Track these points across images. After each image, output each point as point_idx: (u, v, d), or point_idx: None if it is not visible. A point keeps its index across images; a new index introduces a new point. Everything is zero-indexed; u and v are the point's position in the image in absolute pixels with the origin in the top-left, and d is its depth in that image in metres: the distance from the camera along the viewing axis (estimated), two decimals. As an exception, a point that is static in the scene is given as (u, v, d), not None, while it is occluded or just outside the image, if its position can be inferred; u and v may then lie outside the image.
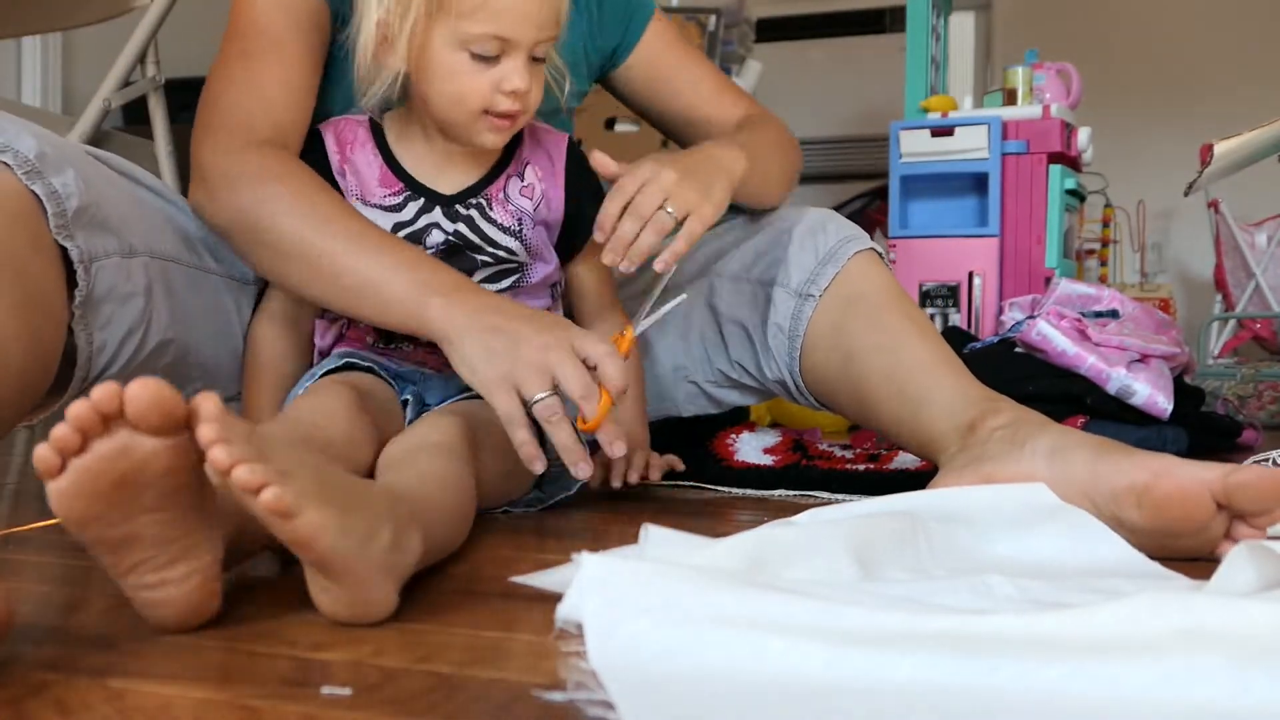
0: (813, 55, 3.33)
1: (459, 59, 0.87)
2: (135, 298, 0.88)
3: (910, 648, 0.48)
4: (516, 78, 0.87)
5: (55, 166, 0.80)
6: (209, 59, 0.96)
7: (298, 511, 0.53)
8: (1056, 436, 0.84)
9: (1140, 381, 1.30)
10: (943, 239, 1.72)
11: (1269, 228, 2.52)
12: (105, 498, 0.52)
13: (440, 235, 0.96)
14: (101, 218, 0.85)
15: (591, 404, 0.79)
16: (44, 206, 0.78)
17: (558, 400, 0.79)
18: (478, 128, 0.91)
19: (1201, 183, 1.81)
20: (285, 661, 0.52)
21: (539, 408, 0.79)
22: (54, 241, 0.79)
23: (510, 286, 0.99)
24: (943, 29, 1.96)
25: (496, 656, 0.52)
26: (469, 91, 0.88)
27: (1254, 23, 3.05)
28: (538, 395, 0.79)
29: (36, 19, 1.87)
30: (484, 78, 0.88)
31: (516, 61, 0.87)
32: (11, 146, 0.77)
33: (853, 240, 1.07)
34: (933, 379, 0.96)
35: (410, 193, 0.96)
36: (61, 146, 0.84)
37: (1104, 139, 1.98)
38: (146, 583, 0.55)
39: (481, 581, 0.69)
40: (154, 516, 0.53)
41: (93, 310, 0.84)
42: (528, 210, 0.98)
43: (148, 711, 0.45)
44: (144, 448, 0.51)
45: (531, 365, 0.79)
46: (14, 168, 0.77)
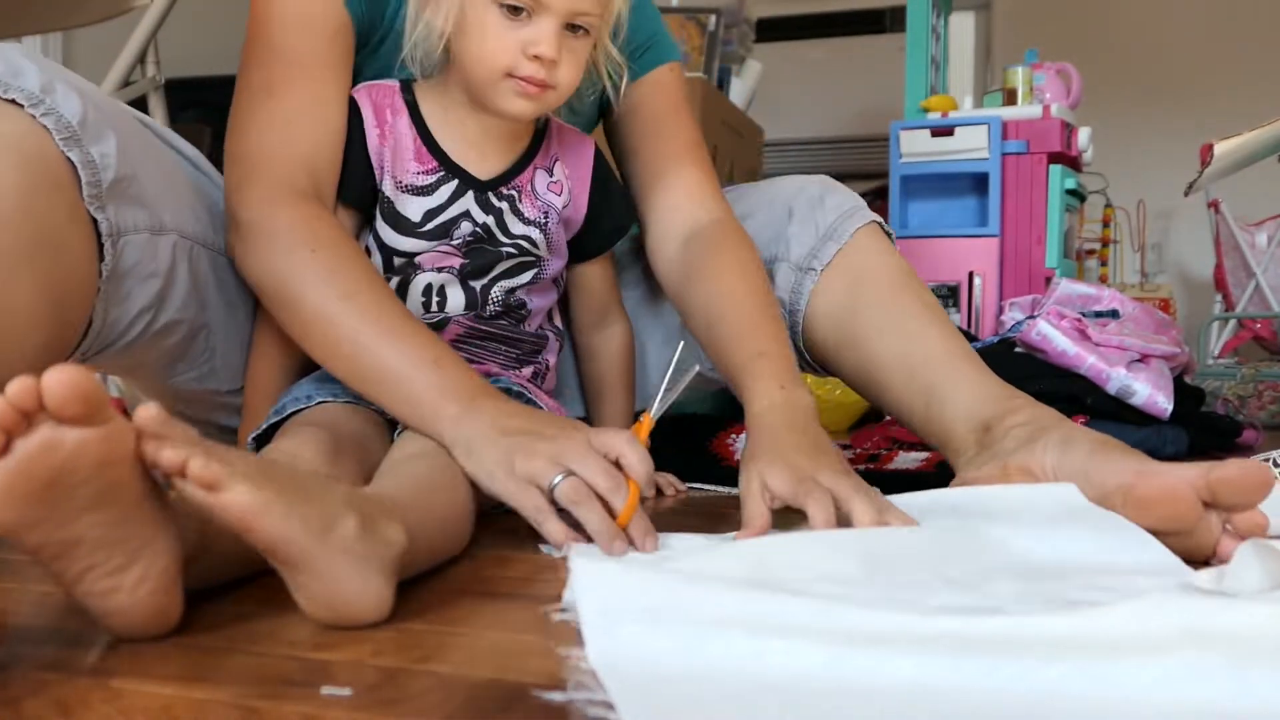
0: (813, 55, 3.33)
1: (491, 15, 0.86)
2: (155, 278, 0.86)
3: (911, 648, 0.48)
4: (544, 43, 0.85)
5: (96, 133, 0.78)
6: (209, 59, 0.94)
7: (226, 486, 0.52)
8: (1067, 433, 0.86)
9: (1140, 381, 1.31)
10: (943, 239, 1.72)
11: (1269, 228, 2.52)
12: (38, 499, 0.49)
13: (470, 227, 0.94)
14: (136, 191, 0.83)
15: (618, 498, 0.73)
16: (79, 175, 0.77)
17: (579, 481, 0.74)
18: (502, 89, 0.88)
19: (1201, 183, 1.81)
20: (285, 661, 0.52)
21: (561, 491, 0.73)
22: (88, 212, 0.78)
23: (530, 281, 0.99)
24: (943, 29, 1.96)
25: (496, 656, 0.52)
26: (495, 49, 0.86)
27: (1254, 23, 3.05)
28: (555, 479, 0.74)
29: (36, 19, 1.87)
30: (512, 37, 0.86)
31: (546, 26, 0.85)
32: (56, 109, 0.75)
33: (854, 214, 1.07)
34: (950, 374, 0.96)
35: (444, 173, 0.94)
36: (107, 110, 0.81)
37: (1104, 139, 1.98)
38: (97, 590, 0.53)
39: (481, 581, 0.69)
40: (95, 517, 0.51)
41: (114, 285, 0.82)
42: (555, 206, 0.98)
43: (148, 711, 0.45)
44: (70, 440, 0.49)
45: (545, 457, 0.75)
46: (54, 133, 0.75)
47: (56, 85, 0.77)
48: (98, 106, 0.80)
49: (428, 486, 0.72)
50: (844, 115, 3.22)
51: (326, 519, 0.56)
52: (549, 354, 1.03)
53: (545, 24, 0.85)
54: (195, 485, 0.51)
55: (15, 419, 0.48)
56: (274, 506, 0.53)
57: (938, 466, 1.14)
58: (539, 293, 1.00)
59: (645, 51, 1.09)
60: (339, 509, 0.57)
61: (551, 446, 0.75)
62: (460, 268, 0.95)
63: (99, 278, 0.80)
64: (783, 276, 1.07)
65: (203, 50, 2.73)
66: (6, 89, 0.74)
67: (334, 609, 0.56)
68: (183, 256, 0.90)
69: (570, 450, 0.75)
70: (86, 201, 0.77)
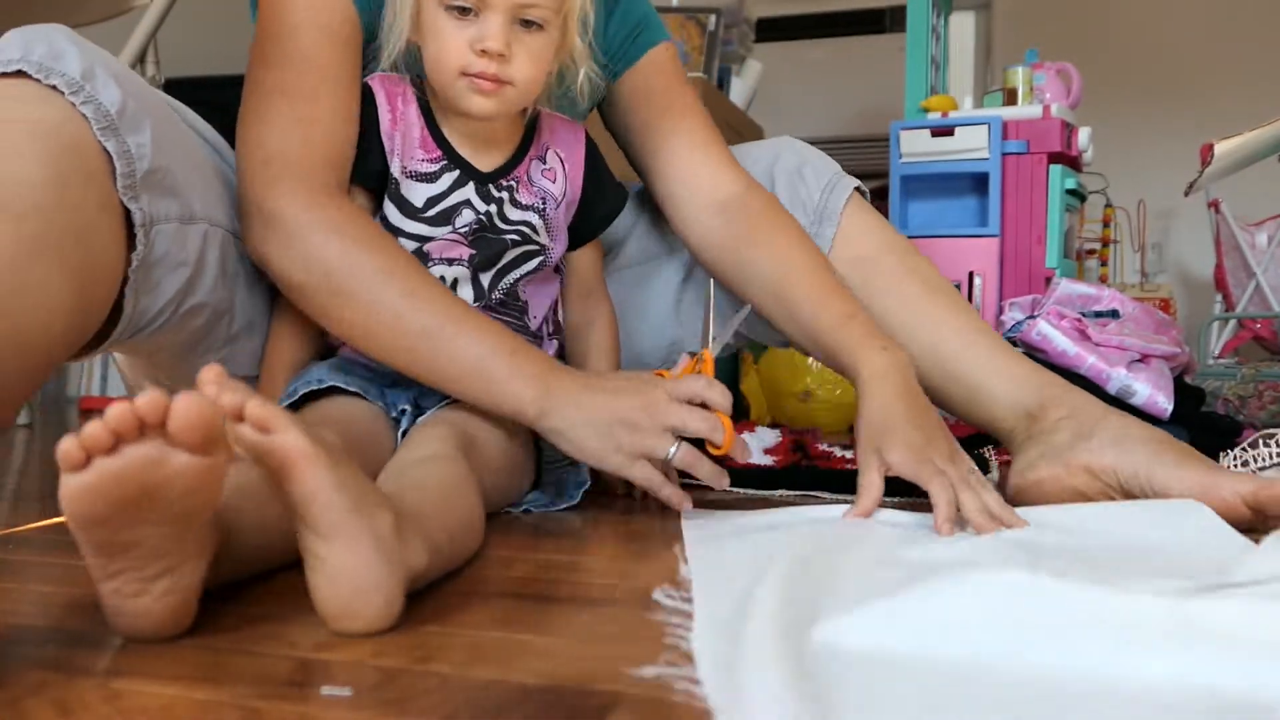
0: (813, 55, 3.33)
1: (440, 17, 0.88)
2: (184, 266, 0.87)
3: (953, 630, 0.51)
4: (490, 39, 0.87)
5: (133, 123, 0.78)
6: (209, 59, 0.94)
7: (279, 428, 0.53)
8: (1118, 427, 0.91)
9: (1140, 381, 1.31)
10: (943, 239, 1.72)
11: (1269, 228, 2.52)
12: (122, 503, 0.51)
13: (471, 215, 0.96)
14: (169, 181, 0.83)
15: (719, 433, 0.84)
16: (114, 165, 0.77)
17: (688, 445, 0.85)
18: (459, 89, 0.90)
19: (1201, 183, 1.81)
20: (285, 661, 0.52)
21: (678, 460, 0.85)
22: (120, 202, 0.78)
23: (536, 269, 1.00)
24: (943, 29, 1.96)
25: (496, 656, 0.52)
26: (446, 49, 0.89)
27: (1254, 23, 3.05)
28: (670, 451, 0.84)
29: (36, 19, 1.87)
30: (461, 35, 0.88)
31: (493, 21, 0.87)
32: (95, 98, 0.76)
33: (836, 187, 1.11)
34: (982, 363, 1.00)
35: (448, 162, 0.96)
36: (144, 98, 0.82)
37: (1104, 139, 1.98)
38: (127, 590, 0.54)
39: (482, 582, 0.69)
40: (157, 530, 0.53)
41: (144, 274, 0.83)
42: (551, 192, 1.00)
43: (148, 711, 0.45)
44: (176, 462, 0.50)
45: (650, 430, 0.84)
46: (92, 122, 0.75)
47: (97, 71, 0.77)
48: (136, 95, 0.80)
49: (442, 495, 0.71)
50: (844, 115, 3.21)
51: (365, 502, 0.56)
52: (550, 351, 1.04)
53: (492, 20, 0.87)
54: (251, 427, 0.53)
55: (132, 426, 0.49)
56: (322, 459, 0.54)
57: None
58: (541, 283, 1.02)
59: (638, 35, 1.12)
60: (378, 501, 0.58)
61: (648, 413, 0.83)
62: (470, 259, 0.96)
63: (127, 267, 0.80)
64: None
65: (203, 50, 2.73)
66: (48, 74, 0.74)
67: (345, 597, 0.55)
68: (212, 244, 0.90)
69: (665, 411, 0.84)
70: (120, 192, 0.77)
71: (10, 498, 1.14)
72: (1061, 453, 0.92)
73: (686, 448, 0.85)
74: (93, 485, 0.49)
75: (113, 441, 0.49)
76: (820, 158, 1.16)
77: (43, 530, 0.89)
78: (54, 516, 0.96)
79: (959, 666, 0.49)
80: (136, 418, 0.49)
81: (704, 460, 0.85)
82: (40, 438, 1.85)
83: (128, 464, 0.49)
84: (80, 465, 0.49)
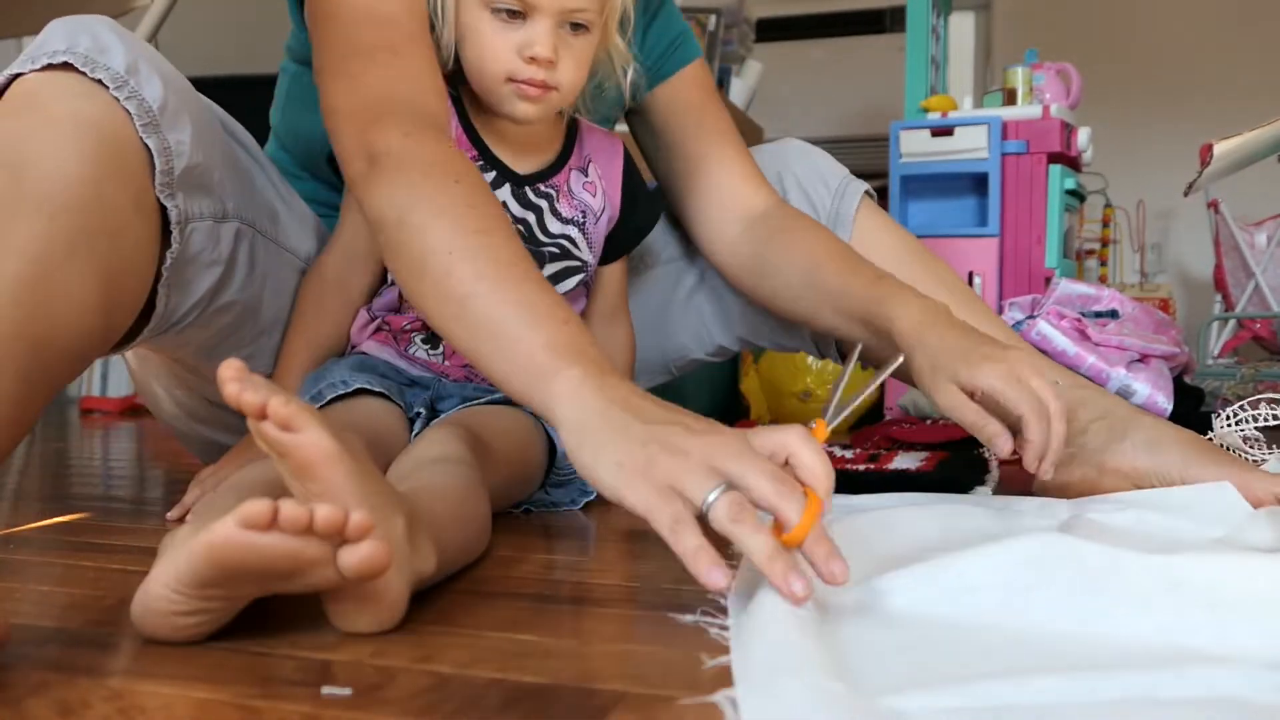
0: (813, 55, 3.33)
1: (484, 20, 0.86)
2: (216, 265, 0.87)
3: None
4: (539, 44, 0.85)
5: (174, 119, 0.78)
6: (209, 59, 0.92)
7: (303, 426, 0.52)
8: (1151, 430, 0.90)
9: (1140, 381, 1.31)
10: (943, 239, 1.72)
11: (1269, 228, 2.52)
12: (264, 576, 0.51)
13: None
14: (204, 178, 0.83)
15: (792, 506, 0.54)
16: (153, 161, 0.77)
17: (741, 496, 0.55)
18: (504, 94, 0.88)
19: (1201, 183, 1.81)
20: (285, 661, 0.52)
21: (719, 507, 0.54)
22: (156, 199, 0.78)
23: (575, 287, 0.99)
24: (943, 29, 1.96)
25: (497, 656, 0.52)
26: (491, 55, 0.87)
27: (1254, 23, 3.05)
28: (712, 492, 0.55)
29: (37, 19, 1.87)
30: (507, 40, 0.86)
31: (540, 26, 0.85)
32: (139, 93, 0.75)
33: (846, 192, 1.11)
34: None
35: (484, 163, 0.94)
36: (184, 94, 0.81)
37: (1104, 139, 1.98)
38: (179, 610, 0.53)
39: (483, 582, 0.69)
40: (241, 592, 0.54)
41: (178, 272, 0.83)
42: (592, 208, 0.99)
43: (148, 711, 0.45)
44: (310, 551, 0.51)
45: (696, 461, 0.56)
46: (135, 118, 0.75)
47: (140, 66, 0.76)
48: (178, 91, 0.80)
49: (450, 497, 0.70)
50: (844, 115, 3.21)
51: (381, 506, 0.56)
52: None
53: (539, 25, 0.85)
54: (273, 424, 0.52)
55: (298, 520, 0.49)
56: (343, 460, 0.54)
57: (938, 466, 1.14)
58: (573, 301, 1.00)
59: (675, 50, 1.11)
60: (395, 506, 0.58)
61: (703, 444, 0.57)
62: None
63: (160, 264, 0.80)
64: None
65: (203, 50, 2.73)
66: (94, 67, 0.74)
67: (359, 604, 0.55)
68: (243, 243, 0.90)
69: (726, 449, 0.56)
70: (158, 189, 0.77)
71: (10, 498, 1.14)
72: (1093, 456, 0.91)
73: (738, 499, 0.55)
74: (256, 547, 0.49)
75: (271, 517, 0.49)
76: (828, 161, 1.15)
77: (43, 530, 0.89)
78: (54, 516, 0.97)
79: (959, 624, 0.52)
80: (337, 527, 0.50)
81: (759, 531, 0.54)
82: (41, 438, 1.85)
83: (300, 551, 0.50)
84: (265, 526, 0.49)
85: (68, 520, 0.95)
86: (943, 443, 1.37)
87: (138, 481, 1.32)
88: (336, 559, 0.51)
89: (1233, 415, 1.00)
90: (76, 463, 1.52)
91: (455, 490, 0.71)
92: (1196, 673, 0.44)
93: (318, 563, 0.51)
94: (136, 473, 1.41)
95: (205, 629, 0.54)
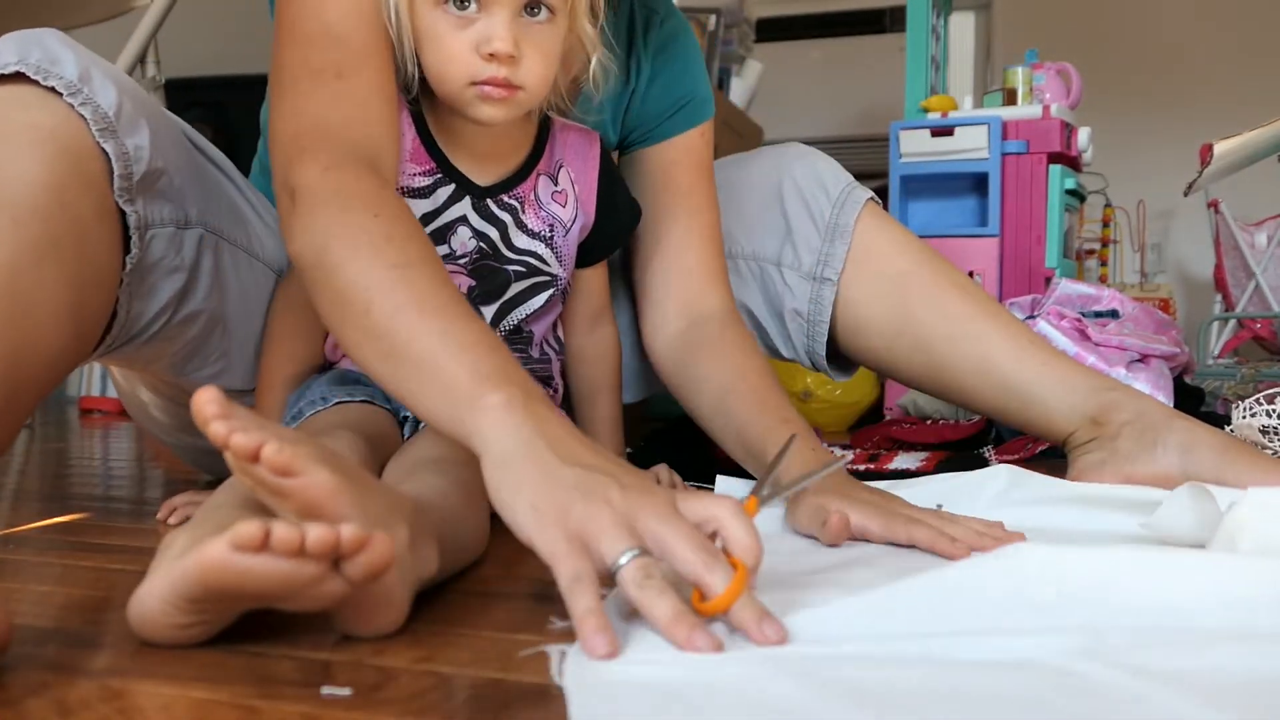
0: (813, 55, 3.33)
1: (438, 20, 0.80)
2: (180, 272, 0.86)
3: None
4: (496, 39, 0.78)
5: (130, 125, 0.78)
6: (209, 59, 0.90)
7: (302, 470, 0.51)
8: (1184, 433, 0.88)
9: (1140, 381, 1.31)
10: (943, 239, 1.72)
11: (1269, 228, 2.52)
12: (261, 596, 0.50)
13: (468, 234, 0.90)
14: (165, 184, 0.82)
15: (718, 577, 0.52)
16: (112, 166, 0.76)
17: (653, 562, 0.53)
18: (468, 98, 0.82)
19: (1201, 183, 1.81)
20: (285, 661, 0.51)
21: (629, 571, 0.52)
22: (116, 205, 0.77)
23: (546, 304, 0.94)
24: (943, 29, 1.96)
25: (496, 656, 0.52)
26: (448, 56, 0.81)
27: (1253, 23, 3.05)
28: (624, 554, 0.52)
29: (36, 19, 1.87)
30: (463, 40, 0.80)
31: (496, 18, 0.79)
32: (93, 99, 0.75)
33: (848, 201, 1.07)
34: (1034, 373, 0.98)
35: (441, 175, 0.89)
36: (141, 101, 0.81)
37: (1104, 139, 1.98)
38: (179, 624, 0.52)
39: (483, 582, 0.69)
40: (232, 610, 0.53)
41: (139, 278, 0.82)
42: (561, 218, 0.94)
43: (148, 711, 0.45)
44: (330, 586, 0.50)
45: (616, 518, 0.54)
46: (91, 123, 0.75)
47: (93, 73, 0.76)
48: (132, 97, 0.79)
49: (462, 502, 0.69)
50: (844, 115, 3.22)
51: (385, 516, 0.55)
52: (556, 375, 1.00)
53: (495, 16, 0.79)
54: (269, 470, 0.51)
55: (325, 552, 0.48)
56: (345, 492, 0.52)
57: (938, 466, 1.14)
58: (549, 312, 0.97)
59: (677, 112, 1.05)
60: (398, 516, 0.57)
61: (627, 501, 0.54)
62: (469, 290, 0.91)
63: (122, 270, 0.79)
64: (797, 287, 1.08)
65: (203, 50, 2.73)
66: (46, 75, 0.74)
67: (362, 611, 0.54)
68: (208, 250, 0.89)
69: (651, 510, 0.54)
70: (117, 194, 0.77)
71: (10, 498, 1.14)
72: (1125, 462, 0.89)
73: (649, 564, 0.52)
74: (249, 570, 0.48)
75: (262, 539, 0.47)
76: (831, 167, 1.11)
77: (43, 530, 0.89)
78: (53, 516, 0.97)
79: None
80: (330, 547, 0.48)
81: (665, 595, 0.51)
82: (40, 438, 1.85)
83: (294, 573, 0.48)
84: (256, 548, 0.47)
85: (67, 520, 0.95)
86: (943, 443, 1.37)
87: (137, 481, 1.32)
88: (341, 572, 0.50)
89: (1250, 408, 1.00)
90: (76, 463, 1.52)
91: (454, 490, 0.71)
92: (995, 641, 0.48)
93: (314, 582, 0.49)
94: (136, 473, 1.41)
95: (203, 635, 0.54)
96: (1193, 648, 0.47)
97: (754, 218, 1.11)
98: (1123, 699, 0.42)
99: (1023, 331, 1.01)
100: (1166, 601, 0.52)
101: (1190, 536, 0.67)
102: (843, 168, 1.12)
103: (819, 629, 0.52)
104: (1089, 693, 0.43)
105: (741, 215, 1.11)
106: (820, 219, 1.07)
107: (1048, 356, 0.99)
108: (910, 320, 1.03)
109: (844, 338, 1.08)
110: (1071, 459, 0.95)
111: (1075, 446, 0.95)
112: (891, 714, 0.41)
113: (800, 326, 1.08)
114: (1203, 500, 0.67)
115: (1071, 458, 0.95)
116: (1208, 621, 0.50)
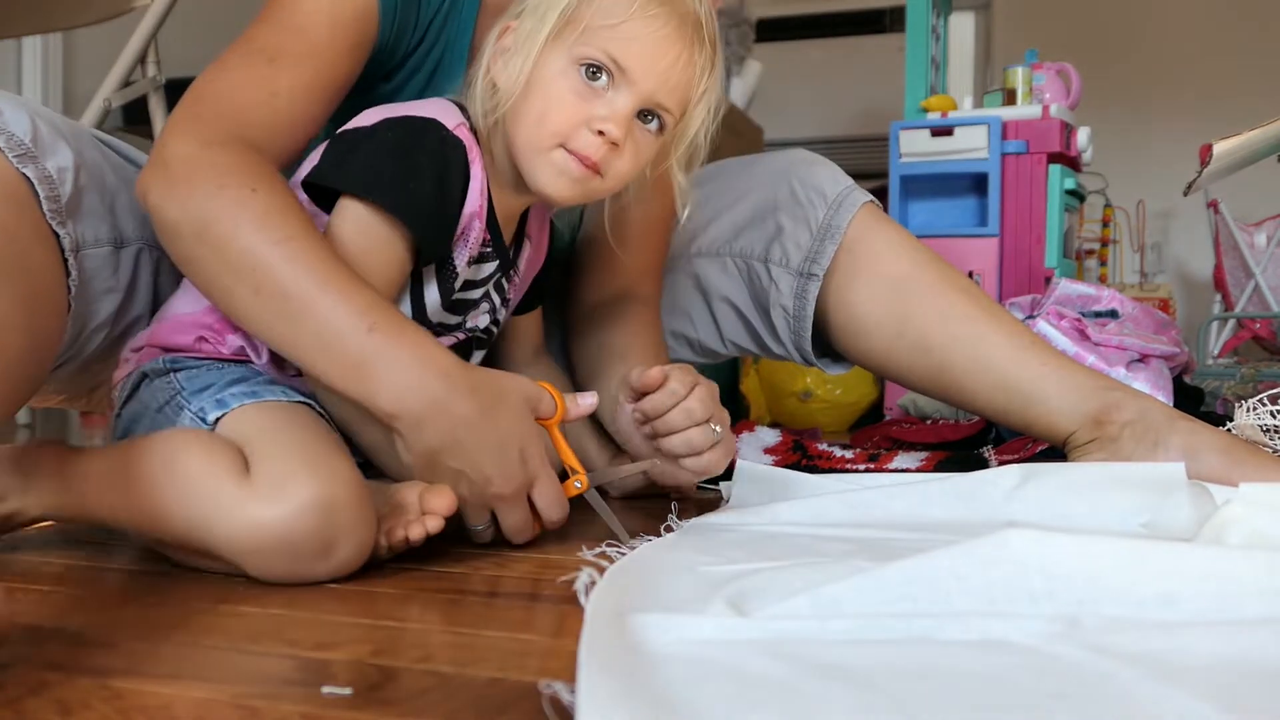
0: (813, 55, 3.33)
1: (568, 75, 0.79)
2: (114, 292, 0.85)
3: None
4: (613, 120, 0.78)
5: (49, 149, 0.77)
6: (209, 59, 0.88)
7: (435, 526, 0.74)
8: (1187, 435, 0.88)
9: (1140, 381, 1.30)
10: (942, 239, 1.72)
11: (1268, 228, 2.52)
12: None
13: (486, 307, 0.90)
14: (92, 204, 0.82)
15: (522, 537, 0.78)
16: (36, 191, 0.75)
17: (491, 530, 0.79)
18: (548, 159, 0.79)
19: (1201, 183, 1.81)
20: (285, 661, 0.52)
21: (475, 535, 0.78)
22: (50, 228, 0.77)
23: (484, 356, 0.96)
24: (943, 29, 1.96)
25: (496, 656, 0.52)
26: (557, 110, 0.79)
27: (1253, 23, 3.05)
28: (478, 527, 0.78)
29: (37, 19, 1.87)
30: (581, 106, 0.78)
31: (622, 100, 0.78)
32: (6, 128, 0.75)
33: (844, 203, 1.07)
34: (1035, 374, 0.98)
35: (493, 249, 0.87)
36: (59, 126, 0.80)
37: (1104, 139, 1.98)
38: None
39: (481, 581, 0.69)
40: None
41: (80, 300, 0.82)
42: (511, 300, 0.95)
43: (148, 711, 0.45)
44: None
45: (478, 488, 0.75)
46: (6, 151, 0.74)
47: (3, 106, 0.76)
48: (47, 120, 0.79)
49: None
50: (844, 115, 3.22)
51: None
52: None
53: (622, 99, 0.78)
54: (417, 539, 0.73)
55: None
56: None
57: (938, 466, 1.14)
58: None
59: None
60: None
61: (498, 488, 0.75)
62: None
63: (69, 295, 0.79)
64: (784, 282, 1.08)
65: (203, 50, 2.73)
66: None
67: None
68: (145, 267, 0.89)
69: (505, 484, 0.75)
70: (49, 217, 0.76)
71: (10, 498, 1.14)
72: (1122, 460, 0.89)
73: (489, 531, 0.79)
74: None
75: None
76: (830, 172, 1.10)
77: (43, 530, 0.89)
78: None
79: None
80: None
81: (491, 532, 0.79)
82: (43, 437, 1.85)
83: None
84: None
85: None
86: (942, 443, 1.38)
87: (138, 481, 1.31)
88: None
89: (1254, 408, 1.00)
90: (76, 463, 1.52)
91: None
92: (977, 623, 0.51)
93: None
94: (136, 473, 1.41)
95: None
96: (1165, 631, 0.49)
97: (748, 220, 1.11)
98: (1088, 677, 0.44)
99: (1022, 332, 1.01)
100: (1152, 589, 0.52)
101: (1187, 534, 0.67)
102: (844, 173, 1.11)
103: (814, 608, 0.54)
104: (1057, 673, 0.45)
105: (737, 217, 1.11)
106: (814, 220, 1.07)
107: (1048, 357, 0.99)
108: (909, 322, 1.03)
109: (843, 340, 1.08)
110: (1072, 459, 0.95)
111: (1076, 446, 0.95)
112: (870, 692, 0.44)
113: (787, 323, 1.08)
114: (1201, 498, 0.68)
115: (1072, 458, 0.95)
116: (1191, 608, 0.51)
